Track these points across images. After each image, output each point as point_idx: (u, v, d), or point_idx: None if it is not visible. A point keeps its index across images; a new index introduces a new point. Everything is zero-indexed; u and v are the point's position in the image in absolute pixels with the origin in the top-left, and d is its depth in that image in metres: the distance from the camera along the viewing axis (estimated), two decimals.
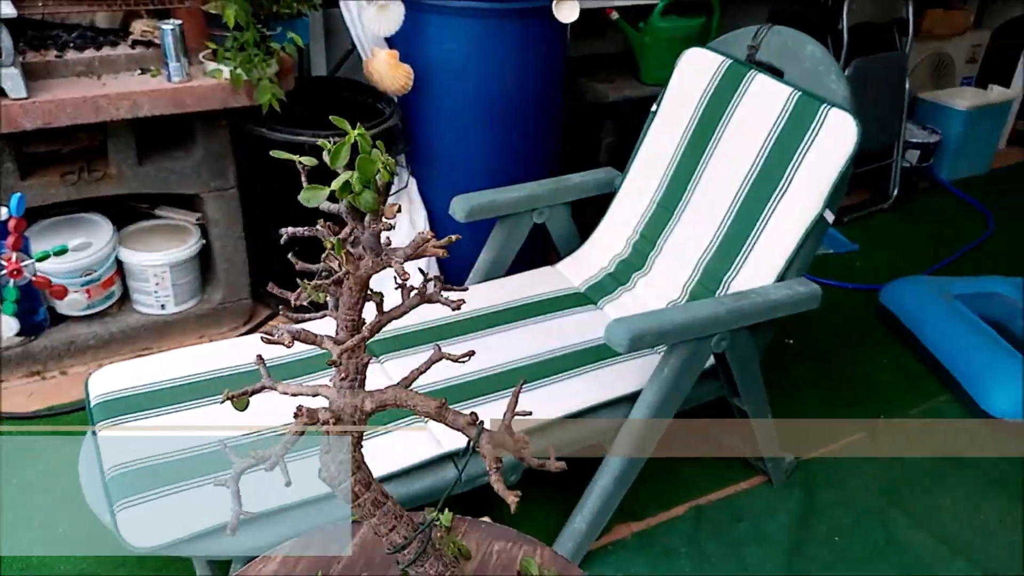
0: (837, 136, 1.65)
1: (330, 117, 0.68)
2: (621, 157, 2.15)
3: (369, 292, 0.72)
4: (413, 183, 2.38)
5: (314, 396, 0.72)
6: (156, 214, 2.34)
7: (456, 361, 0.73)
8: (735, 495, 1.97)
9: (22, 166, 1.96)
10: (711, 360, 1.66)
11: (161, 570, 1.64)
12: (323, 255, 0.69)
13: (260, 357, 0.74)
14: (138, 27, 2.04)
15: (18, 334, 1.99)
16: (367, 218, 0.66)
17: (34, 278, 1.84)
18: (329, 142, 0.65)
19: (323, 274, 0.71)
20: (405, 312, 0.72)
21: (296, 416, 0.68)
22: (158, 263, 2.21)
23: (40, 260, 1.83)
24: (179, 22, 1.94)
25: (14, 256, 1.79)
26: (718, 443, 2.05)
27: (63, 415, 2.00)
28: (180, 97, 1.96)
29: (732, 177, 1.81)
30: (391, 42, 2.24)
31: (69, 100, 1.84)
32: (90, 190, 2.06)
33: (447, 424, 0.69)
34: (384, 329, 1.92)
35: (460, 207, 1.89)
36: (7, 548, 1.66)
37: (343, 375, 0.70)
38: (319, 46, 2.66)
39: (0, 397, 2.07)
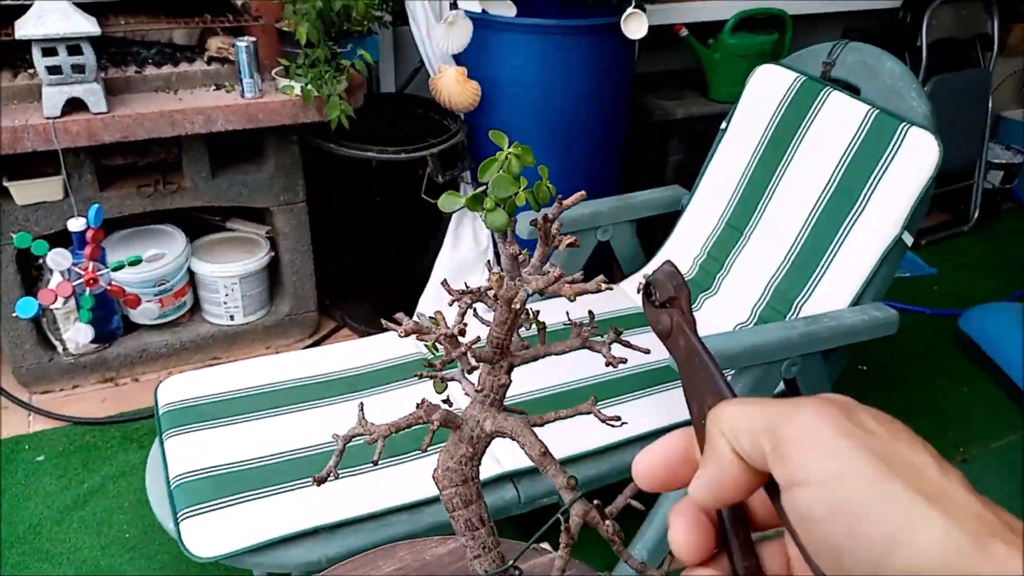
0: (917, 155, 1.58)
1: (489, 132, 0.64)
2: (688, 175, 2.11)
3: (533, 319, 0.70)
4: None
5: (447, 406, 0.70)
6: (227, 227, 2.39)
7: (606, 422, 0.71)
8: None
9: (101, 178, 2.03)
10: (781, 386, 1.60)
11: None
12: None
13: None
14: (214, 44, 2.09)
15: (93, 341, 2.05)
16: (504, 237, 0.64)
17: (109, 287, 1.90)
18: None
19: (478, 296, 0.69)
20: (564, 352, 0.71)
21: (417, 405, 0.67)
22: (228, 274, 2.25)
23: (115, 270, 1.89)
24: (253, 39, 1.99)
25: (91, 266, 1.84)
26: None
27: (133, 421, 2.05)
28: (253, 112, 2.00)
29: (805, 197, 1.76)
30: (459, 59, 2.25)
31: (147, 115, 1.90)
32: (165, 202, 2.11)
33: (547, 473, 0.67)
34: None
35: (523, 224, 1.88)
36: (74, 552, 1.70)
37: (480, 387, 0.69)
38: (388, 63, 2.69)
39: (72, 402, 2.13)
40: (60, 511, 1.79)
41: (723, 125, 1.99)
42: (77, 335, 1.92)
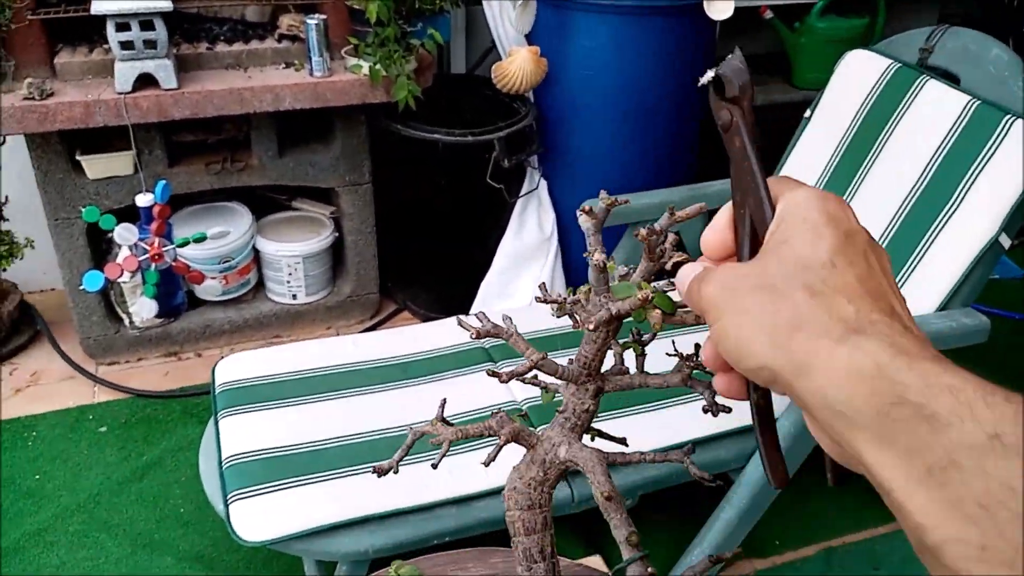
0: (1021, 152, 1.45)
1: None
2: (767, 165, 2.00)
3: (632, 343, 0.63)
4: (543, 185, 2.32)
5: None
6: (293, 206, 2.39)
7: (704, 481, 0.66)
8: (873, 539, 1.79)
9: (171, 154, 2.04)
10: None
11: (274, 559, 1.66)
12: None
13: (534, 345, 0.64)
14: (285, 21, 2.08)
15: (158, 315, 2.07)
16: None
17: (174, 263, 1.91)
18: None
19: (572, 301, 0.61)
20: (661, 386, 0.63)
21: (492, 415, 0.62)
22: (292, 254, 2.25)
23: (180, 246, 1.90)
24: (324, 17, 1.96)
25: (156, 241, 1.86)
26: (861, 481, 1.88)
27: (195, 396, 2.07)
28: (320, 91, 1.98)
29: (894, 192, 1.65)
30: (530, 40, 2.19)
31: (216, 92, 1.89)
32: (232, 180, 2.12)
33: (609, 520, 0.61)
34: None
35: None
36: (130, 524, 1.72)
37: (563, 408, 0.63)
38: (460, 43, 2.64)
39: (136, 375, 2.17)
40: (119, 482, 1.82)
41: (807, 113, 1.88)
42: (142, 309, 1.94)
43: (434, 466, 0.64)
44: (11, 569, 1.62)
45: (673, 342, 0.71)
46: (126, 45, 1.82)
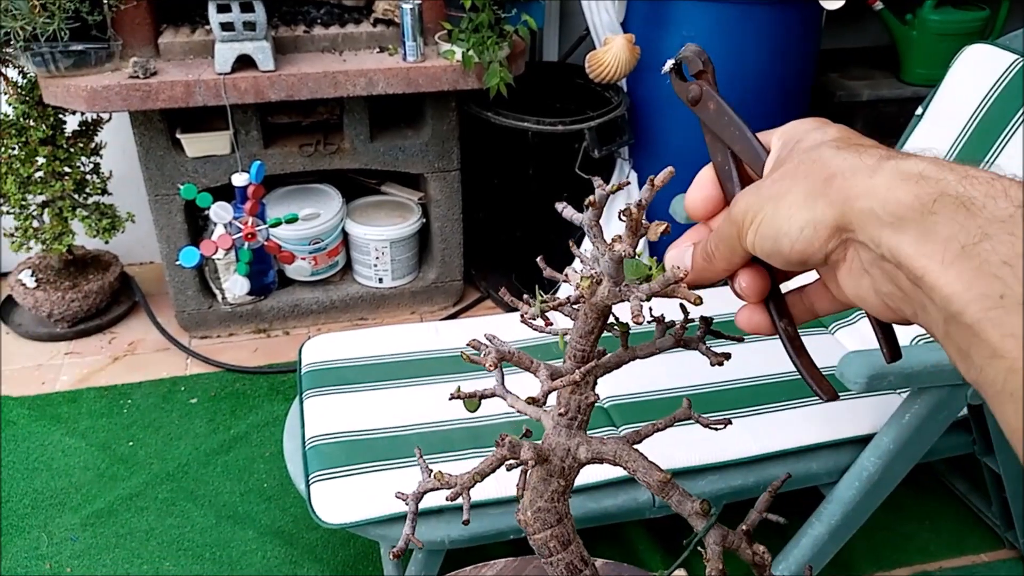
0: None
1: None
2: None
3: (614, 323, 0.61)
4: (634, 177, 2.27)
5: (537, 419, 0.62)
6: (382, 190, 2.41)
7: (709, 427, 0.62)
8: (972, 567, 1.69)
9: (266, 135, 2.08)
10: (964, 411, 1.42)
11: (352, 540, 1.68)
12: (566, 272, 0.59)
13: (499, 365, 0.62)
14: (381, 6, 2.08)
15: (249, 293, 2.12)
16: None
17: (266, 243, 1.94)
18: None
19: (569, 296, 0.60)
20: (653, 354, 0.61)
21: (497, 444, 0.60)
22: (380, 238, 2.27)
23: (273, 226, 1.93)
24: (419, 1, 1.96)
25: (250, 220, 1.89)
26: (959, 503, 1.78)
27: (281, 374, 2.11)
28: (413, 77, 1.98)
29: None
30: (625, 28, 2.14)
31: (311, 74, 1.91)
32: (324, 162, 2.14)
33: (669, 501, 0.58)
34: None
35: (682, 207, 1.76)
36: (215, 495, 1.77)
37: (563, 410, 0.61)
38: (553, 30, 2.61)
39: (227, 349, 2.22)
40: (207, 454, 1.87)
41: (919, 111, 1.77)
42: (235, 286, 1.98)
43: (465, 523, 0.61)
44: (105, 530, 1.68)
45: (651, 309, 0.67)
46: (226, 26, 1.85)
